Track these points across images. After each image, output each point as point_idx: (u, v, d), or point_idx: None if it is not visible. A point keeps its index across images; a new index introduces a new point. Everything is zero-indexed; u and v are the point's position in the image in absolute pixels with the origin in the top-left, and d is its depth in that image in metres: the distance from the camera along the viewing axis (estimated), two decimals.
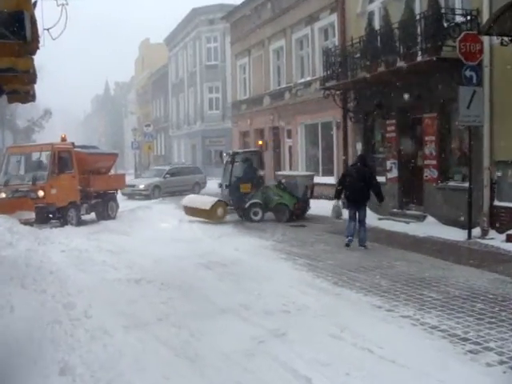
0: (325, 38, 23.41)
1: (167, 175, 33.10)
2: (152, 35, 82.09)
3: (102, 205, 20.86)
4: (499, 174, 14.07)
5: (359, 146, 20.39)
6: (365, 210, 13.73)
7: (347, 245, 13.34)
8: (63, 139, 19.82)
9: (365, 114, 20.01)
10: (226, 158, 20.28)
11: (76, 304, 8.03)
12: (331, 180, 22.70)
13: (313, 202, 23.00)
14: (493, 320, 7.42)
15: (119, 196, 23.61)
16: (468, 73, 13.81)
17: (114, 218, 21.13)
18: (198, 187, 33.16)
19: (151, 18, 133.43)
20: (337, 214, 16.67)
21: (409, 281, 9.83)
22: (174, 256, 12.63)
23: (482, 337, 6.76)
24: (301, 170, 25.52)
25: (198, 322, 7.44)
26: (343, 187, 13.89)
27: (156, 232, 16.63)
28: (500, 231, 13.91)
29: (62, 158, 18.68)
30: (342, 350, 6.31)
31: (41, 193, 17.58)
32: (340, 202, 14.58)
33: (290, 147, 26.92)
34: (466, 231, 14.29)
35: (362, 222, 13.56)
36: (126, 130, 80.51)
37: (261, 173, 20.00)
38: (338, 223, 17.88)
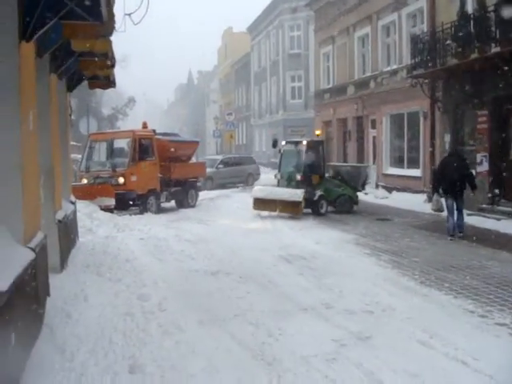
0: (413, 24, 22.46)
1: (220, 165, 31.63)
2: (235, 24, 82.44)
3: (181, 193, 20.86)
4: None
5: (447, 138, 19.45)
6: (463, 200, 14.12)
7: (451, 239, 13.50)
8: (144, 126, 19.93)
9: (454, 104, 19.04)
10: (281, 147, 19.29)
11: (151, 295, 7.81)
12: (417, 173, 21.89)
13: (397, 195, 22.38)
14: None
15: None
16: None
17: (193, 206, 21.13)
18: (251, 178, 32.31)
19: (235, 6, 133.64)
20: (438, 207, 16.13)
21: (502, 283, 9.10)
22: (252, 247, 12.34)
23: None
24: (385, 162, 24.79)
25: (277, 320, 7.05)
26: (442, 179, 14.02)
27: (235, 222, 16.41)
28: None
29: (143, 145, 18.75)
30: (432, 360, 5.77)
31: (121, 179, 17.71)
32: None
33: (374, 138, 26.13)
34: None
35: (461, 211, 13.96)
36: (207, 118, 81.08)
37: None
38: (423, 217, 17.17)
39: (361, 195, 23.99)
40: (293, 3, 44.00)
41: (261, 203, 17.52)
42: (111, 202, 16.78)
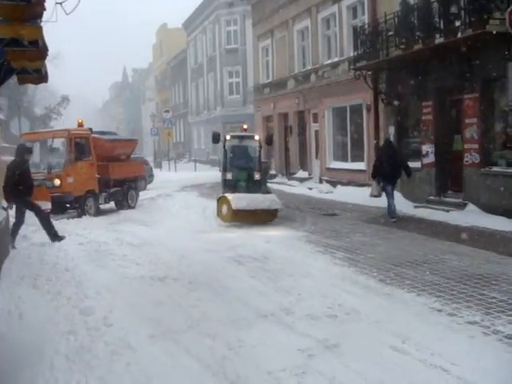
0: (353, 17, 22.18)
1: None
2: (170, 20, 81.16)
3: (121, 193, 19.95)
4: None
5: (392, 130, 19.25)
6: (395, 187, 15.74)
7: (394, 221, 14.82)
8: (80, 125, 18.87)
9: (398, 96, 18.86)
10: (226, 142, 16.82)
11: (94, 309, 7.10)
12: (361, 166, 21.66)
13: (342, 190, 22.12)
14: None
15: None
16: None
17: (134, 207, 20.29)
18: (143, 183, 27.16)
19: (169, 2, 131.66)
20: (377, 193, 17.36)
21: (464, 278, 8.78)
22: (200, 249, 11.70)
23: None
24: (328, 156, 24.52)
25: (235, 330, 6.47)
26: (380, 168, 15.43)
27: (179, 222, 15.69)
28: None
29: (79, 145, 17.76)
30: (409, 368, 5.31)
31: (57, 181, 16.67)
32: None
33: (317, 132, 25.81)
34: None
35: (393, 195, 15.43)
36: (144, 116, 79.74)
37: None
38: (370, 211, 16.90)
39: (305, 190, 23.77)
40: None
41: (241, 215, 14.58)
42: (47, 205, 15.63)
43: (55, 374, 5.14)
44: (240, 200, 14.65)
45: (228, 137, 17.03)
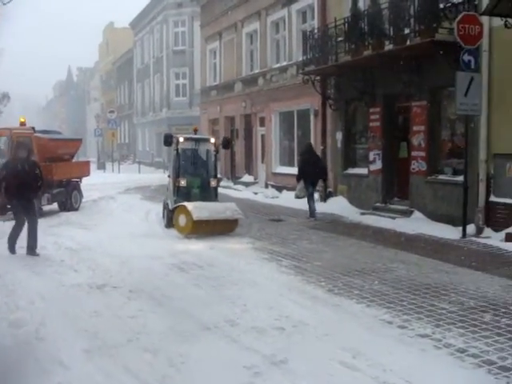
0: (303, 21, 22.06)
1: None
2: (117, 19, 79.70)
3: (65, 194, 19.23)
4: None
5: (339, 136, 19.17)
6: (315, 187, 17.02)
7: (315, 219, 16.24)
8: (22, 123, 18.14)
9: (346, 102, 18.80)
10: (179, 145, 15.03)
11: (26, 320, 6.58)
12: None
13: (287, 195, 21.89)
14: None
15: None
16: (466, 57, 12.64)
17: (77, 208, 19.62)
18: None
19: (116, 1, 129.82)
20: (302, 194, 17.46)
21: (412, 288, 8.62)
22: (142, 255, 11.19)
23: None
24: (274, 161, 24.30)
25: (177, 344, 6.07)
26: (303, 172, 16.68)
27: (121, 226, 15.10)
28: (496, 229, 12.87)
29: (21, 144, 16.89)
30: None
31: None
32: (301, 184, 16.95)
33: (263, 136, 25.59)
34: (458, 228, 13.27)
35: (313, 195, 16.81)
36: (88, 116, 78.32)
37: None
38: (317, 217, 16.71)
39: (250, 195, 23.47)
40: None
41: (200, 226, 13.28)
42: None
43: None
44: (201, 210, 13.30)
45: (181, 139, 15.07)
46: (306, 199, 16.82)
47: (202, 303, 7.82)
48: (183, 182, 14.80)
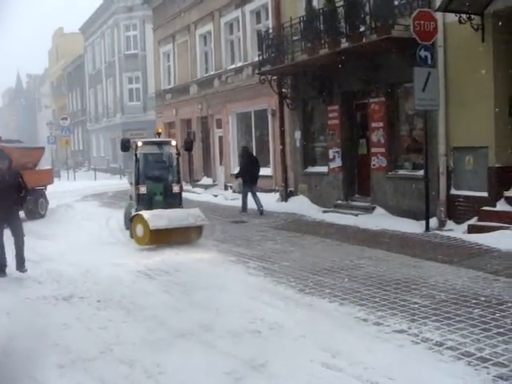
0: (257, 21, 22.00)
1: None
2: (66, 24, 78.63)
3: (32, 202, 18.89)
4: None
5: (298, 135, 19.18)
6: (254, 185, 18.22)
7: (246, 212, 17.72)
8: None
9: (304, 100, 18.82)
10: (137, 150, 13.96)
11: None
12: (267, 171, 21.40)
13: (248, 196, 21.80)
14: (501, 331, 6.27)
15: None
16: (423, 53, 12.73)
17: (44, 215, 19.61)
18: None
19: (65, 5, 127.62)
20: (239, 190, 19.84)
21: (383, 283, 8.64)
22: (106, 263, 10.95)
23: (503, 355, 5.58)
24: (233, 162, 24.17)
25: (152, 353, 5.91)
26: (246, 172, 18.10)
27: (82, 234, 14.78)
28: (457, 221, 13.04)
29: (1, 154, 16.63)
30: None
31: None
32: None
33: (221, 138, 25.45)
34: (421, 222, 13.37)
35: (256, 193, 18.02)
36: (40, 124, 76.84)
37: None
38: (279, 217, 16.71)
39: (210, 197, 23.30)
40: (128, 2, 42.41)
41: (159, 235, 12.44)
42: None
43: None
44: (158, 218, 12.46)
45: (139, 143, 14.08)
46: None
47: (174, 310, 7.68)
48: (143, 189, 13.80)
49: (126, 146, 14.19)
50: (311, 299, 7.97)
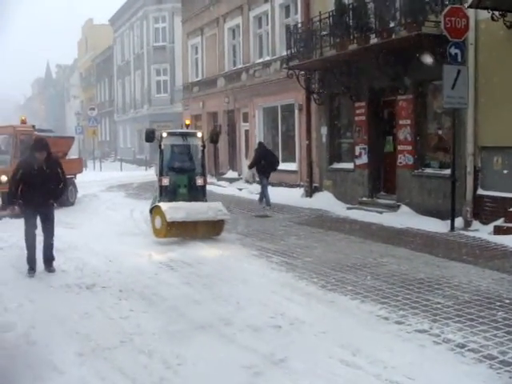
0: (286, 15, 21.92)
1: None
2: (96, 15, 79.16)
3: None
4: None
5: (324, 131, 19.09)
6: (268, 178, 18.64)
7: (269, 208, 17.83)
8: (23, 122, 18.66)
9: (331, 96, 18.71)
10: (162, 141, 13.64)
11: (15, 324, 6.39)
12: (293, 166, 21.45)
13: (272, 190, 21.77)
14: None
15: None
16: (453, 50, 12.60)
17: (73, 203, 19.99)
18: None
19: None
20: (250, 179, 21.39)
21: (406, 282, 8.56)
22: (129, 253, 11.03)
23: None
24: None
25: (172, 345, 5.92)
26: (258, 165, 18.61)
27: (107, 224, 14.91)
28: (484, 222, 12.91)
29: (24, 142, 17.20)
30: None
31: (4, 178, 16.10)
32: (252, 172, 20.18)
33: (247, 131, 25.44)
34: (446, 222, 13.26)
35: (267, 186, 18.51)
36: (68, 114, 77.50)
37: None
38: (303, 213, 16.65)
39: (235, 191, 23.32)
40: None
41: (177, 228, 12.06)
42: None
43: None
44: (176, 210, 12.06)
45: (164, 134, 13.64)
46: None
47: (195, 302, 7.69)
48: (166, 181, 13.53)
49: (150, 136, 13.72)
50: (333, 296, 7.92)
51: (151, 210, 13.14)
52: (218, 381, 5.04)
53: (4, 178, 16.14)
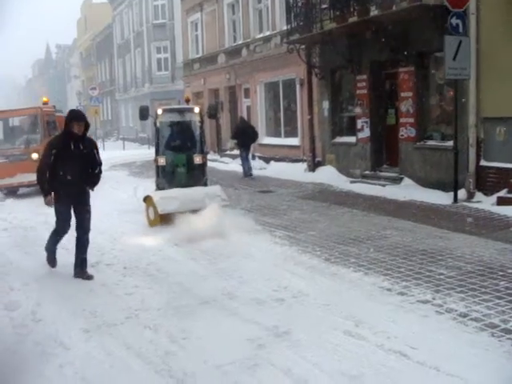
0: None
1: None
2: None
3: None
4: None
5: (326, 105, 19.01)
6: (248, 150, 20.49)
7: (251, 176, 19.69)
8: (45, 102, 19.63)
9: (332, 70, 18.61)
10: (157, 118, 12.75)
11: (21, 302, 6.46)
12: (295, 141, 21.43)
13: (275, 166, 21.83)
14: None
15: None
16: (454, 21, 12.48)
17: None
18: None
19: None
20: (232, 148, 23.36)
21: (409, 254, 8.59)
22: (133, 231, 11.08)
23: None
24: (260, 132, 24.06)
25: (177, 319, 5.98)
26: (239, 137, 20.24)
27: (110, 203, 14.88)
28: (486, 193, 12.89)
29: (49, 122, 18.46)
30: (367, 355, 4.98)
31: (35, 155, 16.82)
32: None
33: (249, 107, 25.36)
34: (449, 194, 13.23)
35: (249, 158, 20.38)
36: (70, 94, 77.29)
37: None
38: (306, 187, 16.66)
39: (237, 167, 23.30)
40: None
41: (171, 218, 11.00)
42: (33, 177, 15.52)
43: None
44: (169, 201, 11.27)
45: (159, 111, 12.81)
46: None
47: (198, 277, 7.75)
48: (162, 161, 12.65)
49: (144, 113, 12.80)
50: (336, 269, 7.96)
51: (144, 199, 12.13)
52: (222, 354, 5.08)
53: (35, 156, 16.95)
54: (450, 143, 13.46)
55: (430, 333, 5.48)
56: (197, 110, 13.10)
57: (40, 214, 13.24)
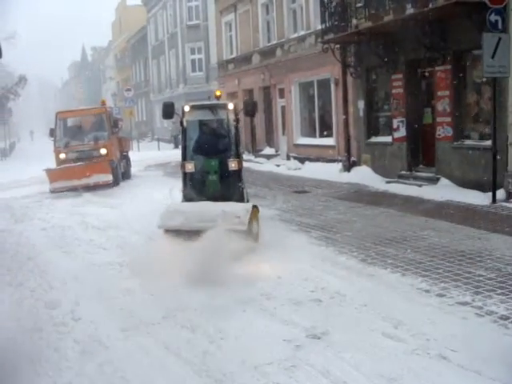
0: None
1: None
2: None
3: (124, 165, 21.87)
4: None
5: (361, 105, 18.87)
6: None
7: None
8: (104, 103, 21.74)
9: (367, 69, 18.46)
10: (184, 117, 10.60)
11: (60, 301, 6.57)
12: (330, 141, 21.26)
13: (310, 166, 21.74)
14: None
15: None
16: (493, 17, 12.26)
17: (130, 177, 22.17)
18: None
19: None
20: None
21: (446, 255, 8.48)
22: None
23: None
24: (295, 132, 24.05)
25: (214, 320, 6.01)
26: None
27: (146, 203, 15.00)
28: None
29: (111, 120, 20.45)
30: (406, 358, 4.93)
31: (103, 150, 19.17)
32: None
33: (283, 107, 25.32)
34: (487, 194, 12.99)
35: None
36: (104, 96, 78.09)
37: None
38: (342, 187, 16.57)
39: (272, 167, 23.34)
40: None
41: (177, 235, 9.25)
42: (108, 177, 18.33)
43: (18, 379, 4.61)
44: (173, 215, 9.54)
45: (186, 108, 10.59)
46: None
47: (236, 277, 7.74)
48: (190, 167, 10.54)
49: (168, 111, 10.59)
50: (373, 269, 7.90)
51: None
52: (260, 354, 5.08)
53: (104, 151, 19.19)
54: (489, 142, 13.23)
55: (470, 335, 5.40)
56: (231, 106, 10.85)
57: (77, 214, 13.50)
